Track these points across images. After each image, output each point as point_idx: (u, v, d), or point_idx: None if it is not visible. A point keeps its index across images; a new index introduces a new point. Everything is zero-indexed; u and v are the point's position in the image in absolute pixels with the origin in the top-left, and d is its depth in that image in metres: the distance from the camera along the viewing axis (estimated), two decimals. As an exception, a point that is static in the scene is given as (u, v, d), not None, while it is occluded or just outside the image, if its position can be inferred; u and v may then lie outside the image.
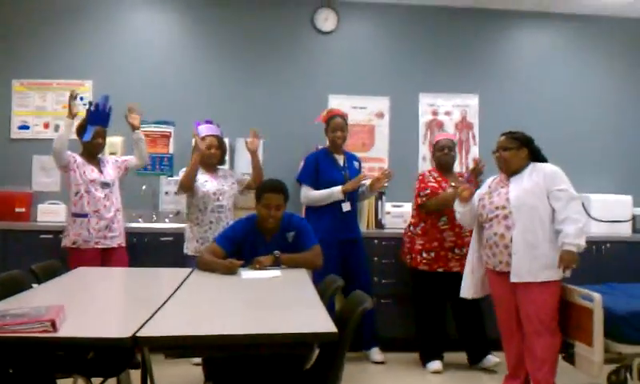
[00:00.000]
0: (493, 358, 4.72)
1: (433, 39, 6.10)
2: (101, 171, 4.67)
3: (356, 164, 5.04)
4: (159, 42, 5.89)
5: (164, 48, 5.89)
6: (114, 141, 5.48)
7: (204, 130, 4.72)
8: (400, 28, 6.09)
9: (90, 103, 4.66)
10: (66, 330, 2.19)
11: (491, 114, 6.05)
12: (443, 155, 4.84)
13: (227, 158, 5.15)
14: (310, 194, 4.86)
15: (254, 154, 4.76)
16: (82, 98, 5.67)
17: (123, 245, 4.76)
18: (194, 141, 4.76)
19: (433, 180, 4.82)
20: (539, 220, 3.76)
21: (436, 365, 4.72)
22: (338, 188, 4.79)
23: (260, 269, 3.68)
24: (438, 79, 6.09)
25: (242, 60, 5.92)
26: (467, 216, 4.18)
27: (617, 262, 5.30)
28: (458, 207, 4.24)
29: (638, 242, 5.47)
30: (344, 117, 5.02)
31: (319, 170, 4.90)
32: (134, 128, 4.87)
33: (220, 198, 4.64)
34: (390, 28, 6.09)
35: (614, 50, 6.24)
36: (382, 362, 4.89)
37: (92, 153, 4.70)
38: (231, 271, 3.57)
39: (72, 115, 4.51)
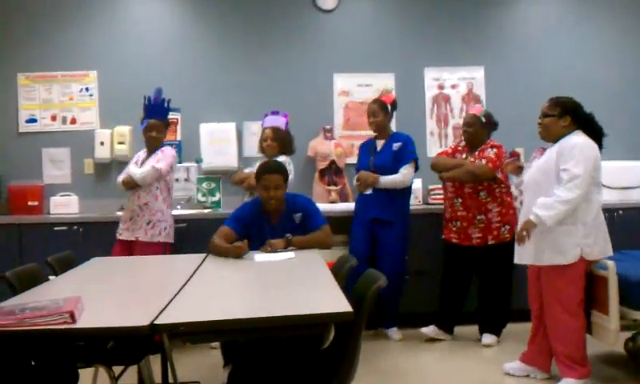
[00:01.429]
0: (488, 339, 4.70)
1: (436, 12, 6.03)
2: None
3: (395, 146, 4.91)
4: (162, 29, 5.87)
5: (167, 36, 5.87)
6: (122, 130, 5.51)
7: (265, 122, 4.89)
8: (402, 2, 6.04)
9: (145, 97, 4.70)
10: (84, 321, 2.21)
11: (497, 85, 6.00)
12: (463, 133, 4.86)
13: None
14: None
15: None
16: (87, 89, 5.71)
17: (142, 239, 4.62)
18: (202, 127, 4.75)
19: (453, 147, 4.98)
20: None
21: (426, 329, 4.82)
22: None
23: (272, 251, 3.70)
24: (442, 53, 6.04)
25: (245, 43, 5.90)
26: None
27: (630, 228, 5.27)
28: (515, 180, 4.29)
29: (651, 208, 5.44)
30: (379, 101, 4.95)
31: (359, 158, 5.08)
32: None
33: None
34: (392, 3, 6.04)
35: (621, 17, 6.15)
36: (399, 340, 4.92)
37: (147, 145, 4.77)
38: (238, 255, 3.59)
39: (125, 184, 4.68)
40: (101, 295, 2.80)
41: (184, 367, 4.01)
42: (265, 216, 3.97)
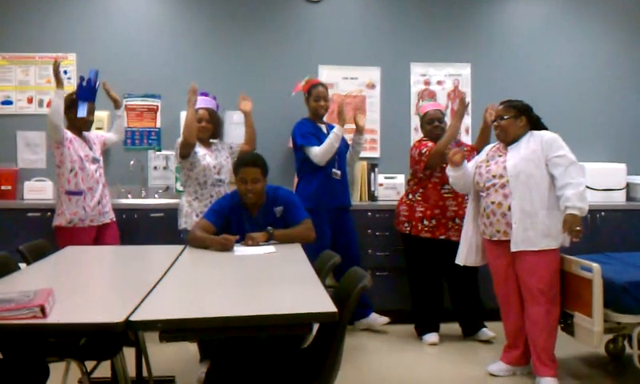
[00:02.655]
0: (488, 332, 4.70)
1: (424, 7, 5.95)
2: (90, 148, 4.56)
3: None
4: (144, 13, 5.72)
5: (149, 20, 5.72)
6: (101, 115, 5.36)
7: (197, 102, 4.55)
8: (390, -4, 5.96)
9: (82, 78, 4.52)
10: (55, 316, 2.11)
11: (484, 83, 5.95)
12: (434, 128, 4.73)
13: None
14: (319, 149, 4.70)
15: (247, 115, 4.77)
16: (65, 72, 5.54)
17: (114, 219, 4.70)
18: (184, 115, 4.65)
19: (432, 143, 4.75)
20: (536, 188, 3.72)
21: (432, 337, 4.70)
22: (336, 127, 4.72)
23: (253, 245, 3.61)
24: (429, 48, 5.97)
25: (229, 31, 5.78)
26: (460, 180, 4.14)
27: (611, 230, 5.29)
28: (449, 171, 4.19)
29: (633, 210, 5.44)
30: (325, 86, 4.96)
31: (311, 131, 4.84)
32: (117, 105, 4.90)
33: (220, 171, 4.53)
34: (381, -4, 5.97)
35: (608, 17, 6.13)
36: (384, 331, 4.91)
37: (82, 129, 4.59)
38: (226, 248, 3.49)
39: (62, 85, 4.38)
40: (74, 287, 2.70)
41: (159, 361, 3.91)
42: (244, 209, 3.88)
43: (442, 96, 5.95)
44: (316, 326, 2.74)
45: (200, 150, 4.48)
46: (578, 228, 3.57)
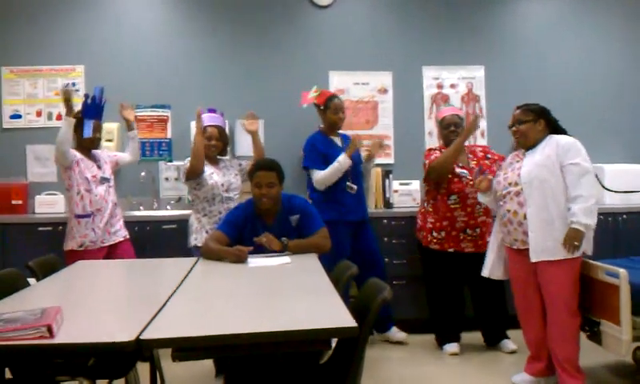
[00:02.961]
0: (510, 345, 4.57)
1: (435, 10, 5.85)
2: (99, 167, 4.48)
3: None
4: (152, 24, 5.66)
5: (157, 30, 5.66)
6: (110, 127, 5.30)
7: (206, 119, 4.47)
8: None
9: (87, 96, 4.42)
10: (63, 335, 2.03)
11: (498, 85, 5.84)
12: (450, 133, 4.61)
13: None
14: (321, 175, 4.66)
15: (254, 134, 4.63)
16: (74, 84, 5.49)
17: (127, 237, 4.58)
18: (194, 125, 4.57)
19: (439, 153, 4.65)
20: (552, 195, 3.58)
21: (453, 347, 4.58)
22: (342, 155, 4.64)
23: (267, 243, 3.54)
24: (441, 51, 5.86)
25: (238, 40, 5.70)
26: (493, 203, 4.05)
27: (634, 233, 5.14)
28: (481, 198, 4.14)
29: (655, 212, 5.31)
30: (339, 97, 4.93)
31: (321, 151, 4.75)
32: (129, 126, 4.81)
33: (229, 189, 4.44)
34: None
35: (625, 15, 6.00)
36: (403, 342, 4.79)
37: (90, 148, 4.50)
38: (240, 259, 3.41)
39: (71, 112, 4.28)
40: (83, 304, 2.61)
41: (174, 376, 3.81)
42: (259, 217, 3.79)
43: (455, 99, 5.83)
44: (335, 340, 2.64)
45: (207, 170, 4.40)
46: (576, 243, 3.49)
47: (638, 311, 3.41)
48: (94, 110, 4.41)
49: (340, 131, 4.96)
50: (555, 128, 3.82)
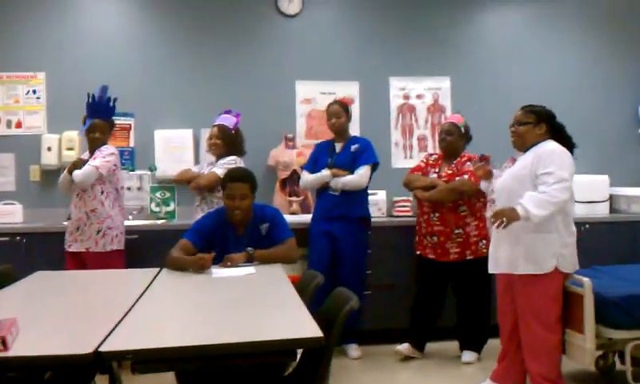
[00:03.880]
0: (468, 356, 4.55)
1: (402, 21, 5.88)
2: None
3: (353, 147, 4.79)
4: (116, 30, 5.57)
5: (121, 37, 5.57)
6: (71, 136, 5.20)
7: (215, 119, 4.71)
8: (368, 10, 5.85)
9: (88, 95, 4.38)
10: (19, 348, 1.95)
11: (464, 95, 5.87)
12: (440, 141, 4.69)
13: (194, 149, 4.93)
14: (303, 179, 4.87)
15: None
16: (34, 92, 5.39)
17: (92, 250, 4.35)
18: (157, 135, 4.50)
19: (425, 161, 4.75)
20: None
21: (402, 346, 4.61)
22: (326, 170, 4.69)
23: (232, 266, 3.46)
24: (408, 62, 5.88)
25: (205, 47, 5.64)
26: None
27: (596, 243, 5.18)
28: (482, 186, 4.04)
29: (616, 222, 5.38)
30: (341, 103, 4.87)
31: (314, 158, 4.86)
32: None
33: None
34: (358, 10, 5.86)
35: (587, 29, 6.10)
36: (358, 358, 4.72)
37: (89, 147, 4.47)
38: (203, 268, 3.34)
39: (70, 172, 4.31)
40: (41, 316, 2.52)
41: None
42: (229, 226, 3.73)
43: (421, 110, 5.87)
44: (299, 351, 2.59)
45: (207, 169, 4.61)
46: (504, 219, 3.33)
47: (601, 320, 3.43)
48: (93, 108, 4.38)
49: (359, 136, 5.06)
50: (559, 134, 3.65)
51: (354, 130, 5.72)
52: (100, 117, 4.39)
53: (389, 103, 5.87)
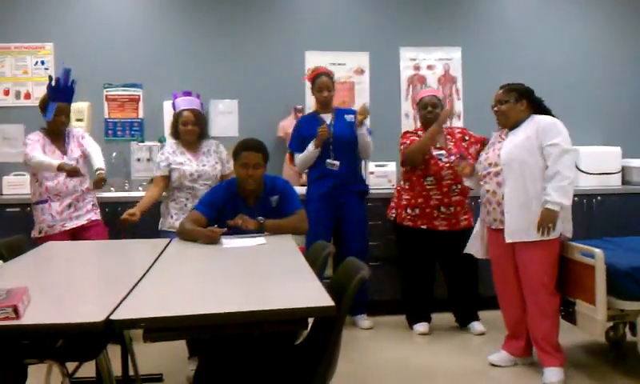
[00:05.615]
0: (479, 327, 4.58)
1: (413, -10, 5.82)
2: (64, 152, 4.35)
3: (349, 117, 4.77)
4: (123, 1, 5.53)
5: (128, 7, 5.53)
6: (80, 106, 5.17)
7: (180, 103, 4.30)
8: (378, -21, 5.80)
9: (50, 78, 4.28)
10: (30, 316, 1.95)
11: (475, 67, 5.82)
12: (427, 114, 4.59)
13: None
14: (297, 160, 4.76)
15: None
16: (43, 63, 5.36)
17: (93, 219, 4.42)
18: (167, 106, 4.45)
19: (415, 137, 4.63)
20: (530, 176, 3.57)
21: (422, 327, 4.61)
22: (310, 145, 4.63)
23: (242, 224, 3.47)
24: (419, 32, 5.82)
25: (213, 17, 5.60)
26: (477, 185, 4.03)
27: (608, 215, 5.18)
28: (466, 182, 4.21)
29: (628, 194, 5.36)
30: (329, 75, 4.80)
31: (303, 134, 4.72)
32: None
33: (198, 179, 4.22)
34: (368, -21, 5.80)
35: (601, 1, 6.02)
36: (369, 328, 4.76)
37: (55, 131, 4.36)
38: (213, 240, 3.34)
39: (59, 170, 4.15)
40: (52, 285, 2.54)
41: (146, 358, 3.72)
42: (240, 198, 3.71)
43: (432, 81, 5.81)
44: (311, 321, 2.59)
45: (181, 157, 4.23)
46: (550, 225, 3.47)
47: (612, 291, 3.41)
48: (58, 92, 4.27)
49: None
50: (539, 108, 3.78)
51: (365, 101, 5.69)
52: (65, 100, 4.33)
53: (399, 74, 5.82)
